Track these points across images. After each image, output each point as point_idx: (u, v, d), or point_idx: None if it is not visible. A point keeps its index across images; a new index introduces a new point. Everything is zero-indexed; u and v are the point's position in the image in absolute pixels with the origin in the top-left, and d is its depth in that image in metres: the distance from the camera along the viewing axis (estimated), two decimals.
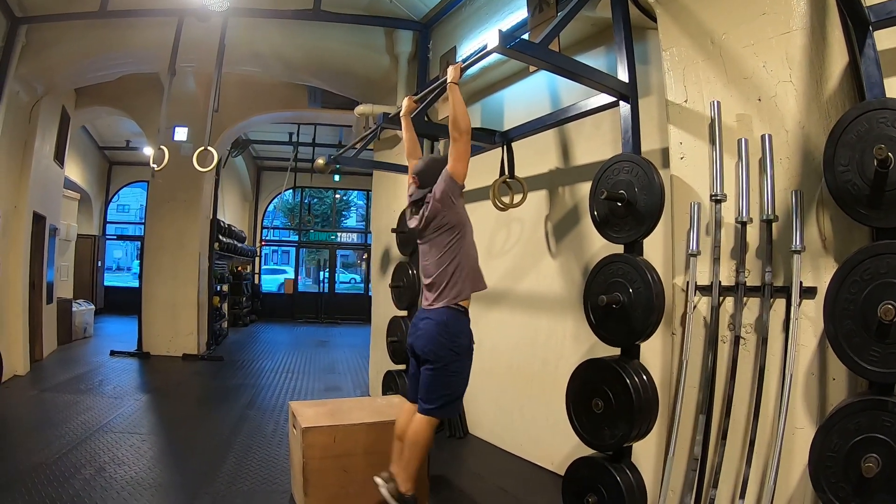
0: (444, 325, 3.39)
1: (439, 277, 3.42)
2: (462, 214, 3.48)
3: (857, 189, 2.46)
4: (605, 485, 3.32)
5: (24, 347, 7.66)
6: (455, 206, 3.41)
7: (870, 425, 2.30)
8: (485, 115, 5.95)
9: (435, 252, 3.46)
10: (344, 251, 22.69)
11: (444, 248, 3.42)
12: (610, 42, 4.15)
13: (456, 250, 3.42)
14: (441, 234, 3.43)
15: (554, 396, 3.95)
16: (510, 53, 3.28)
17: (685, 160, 3.47)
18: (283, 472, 4.51)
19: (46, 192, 8.63)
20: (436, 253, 3.46)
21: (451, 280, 3.41)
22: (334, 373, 9.32)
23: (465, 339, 3.45)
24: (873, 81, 2.56)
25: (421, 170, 3.57)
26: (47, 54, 7.04)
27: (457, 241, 3.43)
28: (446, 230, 3.42)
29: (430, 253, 3.51)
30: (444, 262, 3.42)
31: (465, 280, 3.44)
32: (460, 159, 3.37)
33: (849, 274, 2.44)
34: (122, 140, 15.07)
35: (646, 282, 3.23)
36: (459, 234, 3.44)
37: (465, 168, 3.42)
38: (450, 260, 3.41)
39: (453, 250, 3.42)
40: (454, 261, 3.41)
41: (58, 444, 4.86)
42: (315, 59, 7.42)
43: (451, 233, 3.42)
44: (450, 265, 3.41)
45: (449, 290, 3.41)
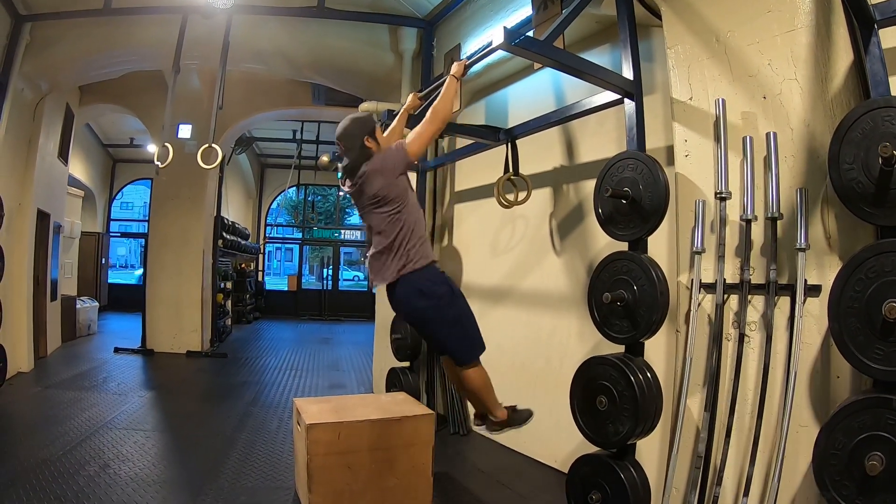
0: (417, 290, 3.25)
1: (392, 247, 3.24)
2: (405, 185, 3.32)
3: (862, 187, 2.46)
4: (608, 482, 3.33)
5: (29, 344, 7.68)
6: (399, 178, 3.26)
7: (874, 423, 2.30)
8: (489, 112, 5.94)
9: (381, 222, 3.27)
10: (347, 248, 22.69)
11: (390, 218, 3.24)
12: (615, 39, 4.14)
13: (403, 221, 3.24)
14: (384, 205, 3.25)
15: (558, 394, 3.95)
16: (515, 50, 3.28)
17: (690, 158, 3.47)
18: (287, 468, 4.52)
19: (50, 190, 8.65)
20: (381, 223, 3.27)
21: (406, 248, 3.24)
22: (338, 370, 9.34)
23: (443, 286, 3.32)
24: (878, 79, 2.55)
25: (343, 133, 3.33)
26: (51, 52, 7.04)
27: (403, 208, 3.25)
28: (388, 201, 3.24)
29: (375, 224, 3.32)
30: (394, 232, 3.24)
31: (421, 243, 3.29)
32: (422, 140, 3.27)
33: (853, 272, 2.43)
34: (126, 137, 15.09)
35: (650, 279, 3.23)
36: (402, 202, 3.26)
37: (423, 150, 3.35)
38: (397, 232, 3.23)
39: (400, 222, 3.24)
40: (404, 228, 3.24)
41: (62, 441, 4.88)
42: (319, 56, 7.41)
43: (395, 203, 3.24)
44: (400, 233, 3.23)
45: (406, 257, 3.23)
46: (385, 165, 3.22)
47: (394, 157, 3.23)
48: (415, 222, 3.30)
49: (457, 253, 6.32)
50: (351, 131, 3.29)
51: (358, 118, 3.35)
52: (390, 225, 3.23)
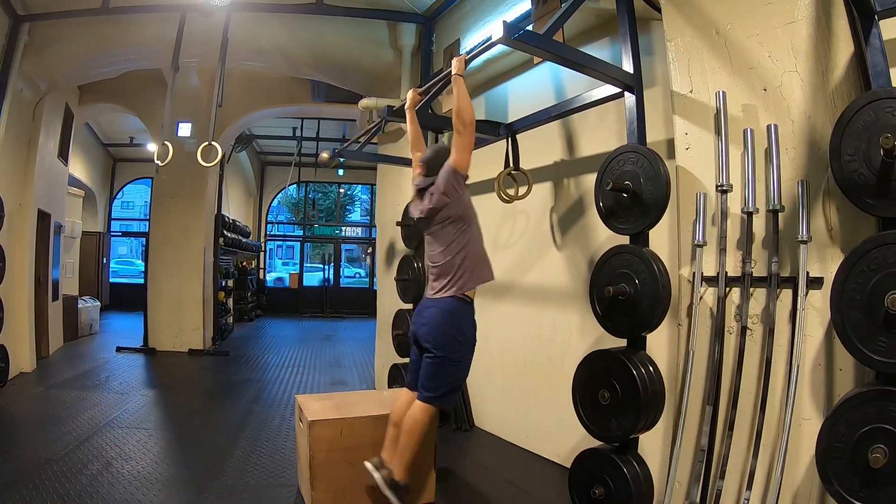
0: (449, 313, 3.39)
1: (445, 268, 3.42)
2: (467, 205, 3.47)
3: (864, 179, 2.45)
4: (611, 476, 3.32)
5: (31, 345, 7.68)
6: (460, 197, 3.40)
7: (877, 416, 2.30)
8: (489, 107, 5.93)
9: (441, 243, 3.45)
10: (349, 245, 22.71)
11: (450, 239, 3.41)
12: (614, 33, 4.13)
13: (462, 241, 3.41)
14: (446, 225, 3.42)
15: (560, 388, 3.95)
16: (515, 44, 3.27)
17: (691, 151, 3.46)
18: (289, 465, 4.52)
19: (51, 190, 8.65)
20: (442, 244, 3.45)
21: (457, 271, 3.40)
22: (340, 367, 9.34)
23: (469, 329, 3.47)
24: (879, 71, 2.54)
25: (428, 158, 3.58)
26: (50, 52, 7.04)
27: (462, 231, 3.42)
28: (451, 222, 3.41)
29: (436, 244, 3.50)
30: (451, 252, 3.41)
31: (472, 271, 3.44)
32: (464, 151, 3.36)
33: (856, 264, 2.43)
34: (125, 137, 15.09)
35: (652, 273, 3.22)
36: (465, 224, 3.43)
37: (468, 159, 3.40)
38: (456, 251, 3.40)
39: (459, 241, 3.41)
40: (461, 251, 3.40)
41: (65, 441, 4.87)
42: (318, 53, 7.40)
43: (457, 224, 3.41)
44: (456, 256, 3.40)
45: (455, 280, 3.40)
46: (447, 184, 3.37)
47: (451, 176, 3.38)
48: (478, 239, 3.53)
49: None
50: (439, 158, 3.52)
51: (445, 148, 3.58)
52: (455, 243, 3.43)
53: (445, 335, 3.38)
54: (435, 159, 3.54)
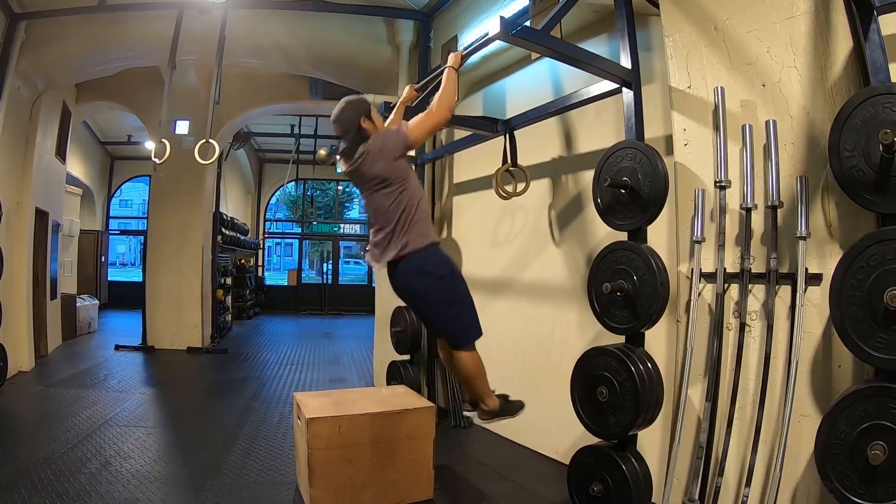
0: (418, 269, 3.22)
1: (395, 227, 3.20)
2: (405, 166, 3.28)
3: (863, 174, 2.44)
4: (610, 473, 3.33)
5: (29, 344, 7.67)
6: (399, 160, 3.23)
7: (876, 412, 2.30)
8: (487, 103, 5.92)
9: (382, 204, 3.24)
10: (347, 242, 22.69)
11: (392, 199, 3.21)
12: (612, 29, 4.12)
13: (405, 201, 3.21)
14: (385, 186, 3.22)
15: (559, 385, 3.95)
16: (512, 40, 3.27)
17: (689, 147, 3.45)
18: (288, 463, 4.52)
19: (49, 188, 8.62)
20: (383, 205, 3.24)
21: (407, 227, 3.20)
22: (339, 364, 9.34)
23: (444, 266, 3.29)
24: (878, 66, 2.53)
25: (339, 116, 3.31)
26: (47, 50, 7.02)
27: (404, 190, 3.22)
28: (389, 182, 3.21)
29: (377, 205, 3.29)
30: (396, 212, 3.20)
31: (423, 223, 3.26)
32: (424, 128, 3.24)
33: (855, 260, 2.42)
34: (123, 135, 15.04)
35: (650, 269, 3.22)
36: (403, 183, 3.23)
37: (424, 138, 3.36)
38: (400, 213, 3.20)
39: (402, 202, 3.21)
40: (406, 209, 3.21)
41: (64, 439, 4.87)
42: (316, 50, 7.39)
43: (396, 184, 3.21)
44: (403, 213, 3.20)
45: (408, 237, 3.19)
46: (385, 146, 3.18)
47: (393, 139, 3.20)
48: (418, 202, 3.26)
49: (456, 245, 6.31)
50: (346, 114, 3.26)
51: (352, 100, 3.32)
52: (393, 205, 3.19)
53: (426, 287, 3.25)
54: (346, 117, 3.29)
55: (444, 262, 3.32)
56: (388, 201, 3.20)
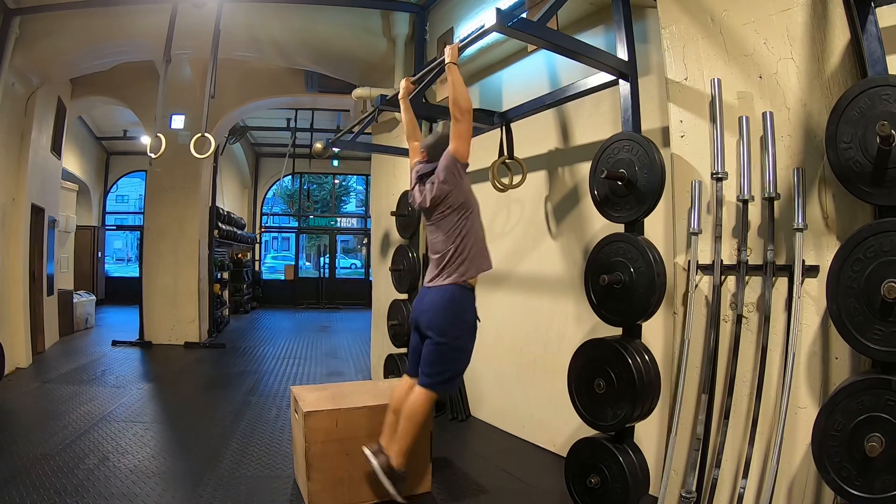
0: (450, 300, 3.40)
1: (447, 255, 3.43)
2: (468, 193, 3.48)
3: (860, 166, 2.43)
4: (607, 465, 3.33)
5: (26, 340, 7.67)
6: (460, 184, 3.41)
7: (873, 404, 2.29)
8: (483, 96, 5.90)
9: (443, 231, 3.46)
10: (344, 236, 22.69)
11: (451, 226, 3.43)
12: (609, 20, 4.10)
13: (464, 229, 3.42)
14: (448, 213, 3.43)
15: (556, 378, 3.96)
16: (509, 32, 3.26)
17: (686, 138, 3.44)
18: (286, 457, 4.53)
19: (44, 184, 8.60)
20: (443, 232, 3.46)
21: (458, 258, 3.41)
22: (336, 358, 9.35)
23: (470, 316, 3.48)
24: (875, 58, 2.52)
25: (430, 144, 3.61)
26: (41, 45, 7.00)
27: (464, 219, 3.43)
28: (453, 210, 3.42)
29: (437, 232, 3.51)
30: (452, 240, 3.42)
31: (473, 259, 3.45)
32: (462, 139, 3.36)
33: (852, 252, 2.42)
34: (119, 130, 15.02)
35: (647, 261, 3.21)
36: (466, 212, 3.44)
37: (468, 147, 3.41)
38: (458, 239, 3.42)
39: (461, 229, 3.42)
40: (462, 240, 3.42)
41: (61, 435, 4.87)
42: (312, 43, 7.37)
43: (458, 212, 3.42)
44: (458, 244, 3.42)
45: (457, 267, 3.41)
46: (447, 174, 3.38)
47: (450, 165, 3.38)
48: (479, 228, 3.53)
49: None
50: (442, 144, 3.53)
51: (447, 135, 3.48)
52: (455, 232, 3.43)
53: (447, 321, 3.39)
54: (436, 145, 3.56)
55: (473, 311, 3.53)
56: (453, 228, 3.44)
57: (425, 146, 3.62)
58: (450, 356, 3.43)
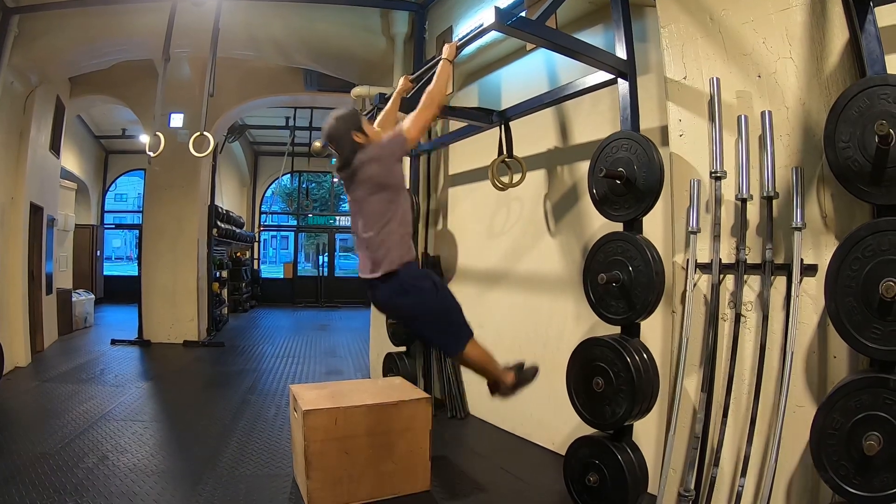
0: (400, 288, 3.21)
1: (379, 239, 3.19)
2: (401, 173, 3.29)
3: (859, 166, 2.44)
4: (606, 463, 3.34)
5: (25, 339, 7.66)
6: (398, 165, 3.23)
7: (871, 403, 2.30)
8: (482, 94, 5.91)
9: (372, 210, 3.21)
10: (343, 235, 22.67)
11: (383, 207, 3.18)
12: (608, 19, 4.10)
13: (395, 210, 3.19)
14: (380, 193, 3.19)
15: (555, 376, 3.95)
16: (507, 30, 3.26)
17: (684, 137, 3.44)
18: (285, 455, 4.53)
19: (43, 183, 8.59)
20: (373, 212, 3.20)
21: (392, 242, 3.18)
22: (335, 356, 9.35)
23: (425, 280, 3.29)
24: (874, 58, 2.52)
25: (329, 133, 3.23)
26: (40, 44, 6.99)
27: (395, 200, 3.21)
28: (385, 188, 3.19)
29: (369, 210, 3.23)
30: (383, 222, 3.18)
31: (407, 237, 3.26)
32: (419, 125, 3.23)
33: (850, 251, 2.42)
34: (117, 128, 15.01)
35: (646, 260, 3.22)
36: (398, 191, 3.24)
37: (420, 135, 3.32)
38: (388, 221, 3.18)
39: (391, 210, 3.19)
40: (393, 222, 3.18)
41: (60, 434, 4.87)
42: (311, 41, 7.36)
43: (391, 192, 3.20)
44: (389, 226, 3.18)
45: (393, 252, 3.17)
46: (383, 153, 3.15)
47: (391, 145, 3.18)
48: (404, 212, 3.24)
49: (452, 236, 6.31)
50: (337, 130, 3.20)
51: (341, 116, 3.24)
52: (383, 212, 3.17)
53: (411, 304, 3.25)
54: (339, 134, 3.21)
55: (424, 275, 3.35)
56: (381, 207, 3.17)
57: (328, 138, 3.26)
58: (438, 322, 3.28)
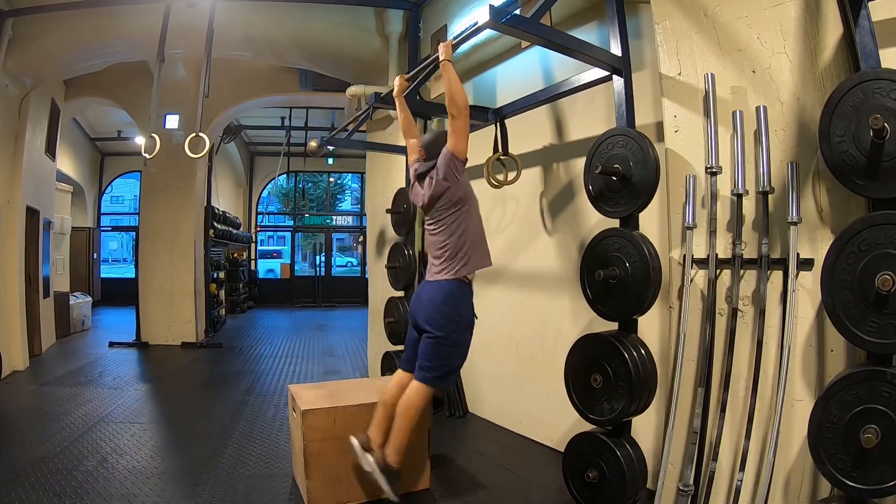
0: (448, 295, 3.42)
1: (446, 250, 3.45)
2: (467, 190, 3.49)
3: (854, 160, 2.45)
4: (604, 459, 3.34)
5: (23, 343, 7.63)
6: (459, 181, 3.41)
7: (869, 396, 2.31)
8: (477, 92, 5.90)
9: (441, 227, 3.47)
10: (340, 234, 22.67)
11: (450, 222, 3.44)
12: (602, 16, 4.10)
13: (462, 224, 3.44)
14: (447, 210, 3.45)
15: (553, 373, 3.96)
16: (502, 28, 3.26)
17: (680, 133, 3.45)
18: (284, 456, 4.53)
19: (39, 186, 8.57)
20: (442, 227, 3.47)
21: (457, 253, 3.43)
22: (333, 356, 9.35)
23: (468, 311, 3.50)
24: (868, 52, 2.53)
25: (428, 142, 3.59)
26: (35, 47, 6.97)
27: (463, 215, 3.45)
28: (451, 206, 3.44)
29: (436, 227, 3.52)
30: (451, 235, 3.44)
31: (471, 254, 3.46)
32: (460, 135, 3.36)
33: (846, 245, 2.43)
34: (113, 131, 14.95)
35: (642, 256, 3.23)
36: (465, 208, 3.46)
37: (466, 144, 3.41)
38: (456, 234, 3.43)
39: (460, 224, 3.44)
40: (461, 235, 3.43)
41: (59, 437, 4.86)
42: (305, 41, 7.35)
43: (457, 208, 3.44)
44: (456, 239, 3.43)
45: (455, 262, 3.43)
46: (446, 171, 3.39)
47: (449, 162, 3.38)
48: (477, 223, 3.54)
49: None
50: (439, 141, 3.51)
51: (445, 132, 3.48)
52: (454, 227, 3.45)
53: (444, 316, 3.40)
54: (434, 143, 3.55)
55: (471, 308, 3.54)
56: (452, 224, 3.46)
57: (424, 145, 3.62)
58: (447, 351, 3.43)
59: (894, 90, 2.32)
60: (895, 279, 2.25)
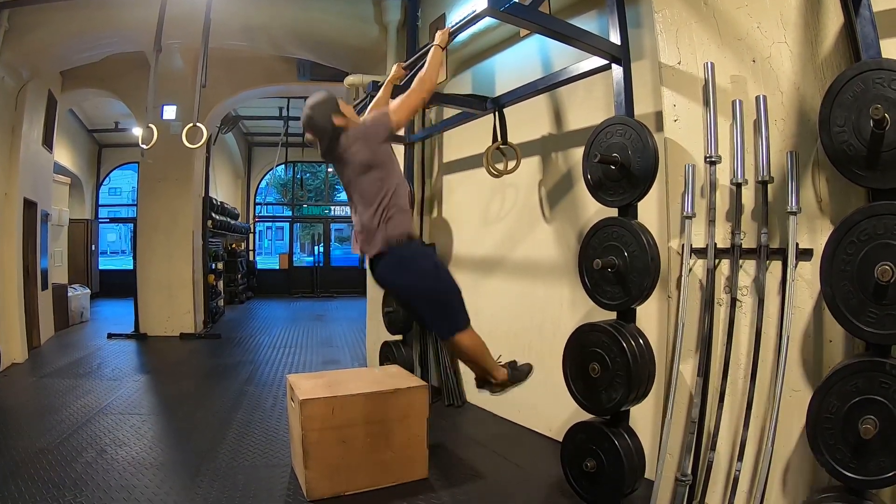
0: (400, 264, 3.20)
1: (376, 218, 3.17)
2: (389, 152, 3.30)
3: (854, 150, 2.43)
4: (603, 449, 3.35)
5: (22, 335, 7.63)
6: (383, 145, 3.24)
7: (867, 387, 2.31)
8: (476, 81, 5.88)
9: (365, 191, 3.21)
10: (338, 225, 22.65)
11: (375, 187, 3.18)
12: (601, 5, 4.08)
13: (387, 188, 3.19)
14: (369, 173, 3.19)
15: (551, 363, 3.96)
16: (500, 16, 3.24)
17: (679, 123, 3.43)
18: (283, 446, 4.54)
19: (36, 178, 8.54)
20: (366, 192, 3.20)
21: (393, 216, 3.17)
22: (332, 346, 9.37)
23: (426, 260, 3.32)
24: (869, 42, 2.51)
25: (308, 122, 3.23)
26: (31, 38, 6.93)
27: (387, 178, 3.21)
28: (374, 167, 3.19)
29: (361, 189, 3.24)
30: (377, 201, 3.17)
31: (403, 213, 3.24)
32: (407, 109, 3.23)
33: (845, 235, 2.42)
34: (110, 122, 14.88)
35: (641, 245, 3.22)
36: (388, 169, 3.23)
37: (407, 119, 3.32)
38: (381, 199, 3.17)
39: (384, 189, 3.18)
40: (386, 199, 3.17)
41: (59, 429, 4.87)
42: (303, 31, 7.32)
43: (381, 170, 3.20)
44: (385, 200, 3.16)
45: (390, 229, 3.16)
46: (367, 133, 3.18)
47: (375, 125, 3.20)
48: (397, 187, 3.23)
49: (447, 224, 6.30)
50: (316, 117, 3.19)
51: (317, 102, 3.22)
52: (376, 190, 3.17)
53: (409, 283, 3.25)
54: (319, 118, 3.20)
55: (426, 255, 3.42)
56: (372, 186, 3.18)
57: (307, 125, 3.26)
58: (435, 305, 3.26)
59: (895, 80, 2.31)
60: (894, 269, 2.24)
